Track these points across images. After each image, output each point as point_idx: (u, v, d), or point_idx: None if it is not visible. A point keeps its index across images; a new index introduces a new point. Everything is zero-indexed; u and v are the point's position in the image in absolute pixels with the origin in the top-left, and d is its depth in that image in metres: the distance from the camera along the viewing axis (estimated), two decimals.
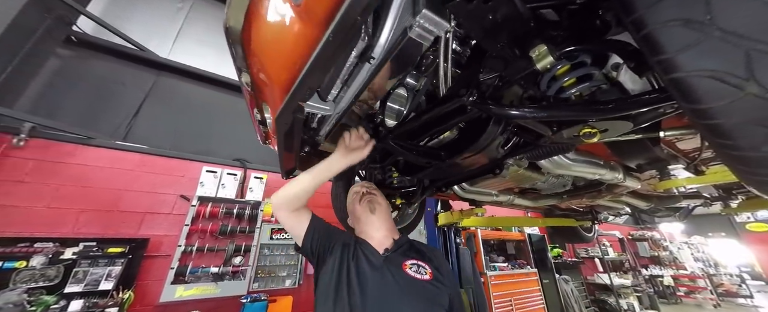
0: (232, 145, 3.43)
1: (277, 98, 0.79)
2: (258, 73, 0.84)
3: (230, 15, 0.68)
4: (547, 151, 0.93)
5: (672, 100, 0.52)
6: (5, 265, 1.96)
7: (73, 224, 2.33)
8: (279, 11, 0.60)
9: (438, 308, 0.82)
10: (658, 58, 0.36)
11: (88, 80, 2.92)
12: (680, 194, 1.91)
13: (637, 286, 6.45)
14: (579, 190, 1.60)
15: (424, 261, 0.94)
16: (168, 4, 3.70)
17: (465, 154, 0.92)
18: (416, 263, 0.92)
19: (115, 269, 2.23)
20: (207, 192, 2.82)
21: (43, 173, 2.34)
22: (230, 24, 0.68)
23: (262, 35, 0.69)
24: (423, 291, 0.84)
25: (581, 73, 0.63)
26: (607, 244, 7.10)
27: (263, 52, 0.72)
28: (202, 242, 2.63)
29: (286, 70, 0.67)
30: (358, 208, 1.09)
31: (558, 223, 2.77)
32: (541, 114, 0.63)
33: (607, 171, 1.18)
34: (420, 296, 0.83)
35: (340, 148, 0.95)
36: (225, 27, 0.72)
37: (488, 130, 0.81)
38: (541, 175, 1.26)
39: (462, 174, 1.23)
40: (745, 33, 0.30)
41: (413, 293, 0.83)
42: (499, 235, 4.86)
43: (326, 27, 0.51)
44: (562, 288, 5.11)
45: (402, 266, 0.89)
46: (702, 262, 8.84)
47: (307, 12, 0.54)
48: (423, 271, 0.89)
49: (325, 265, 0.92)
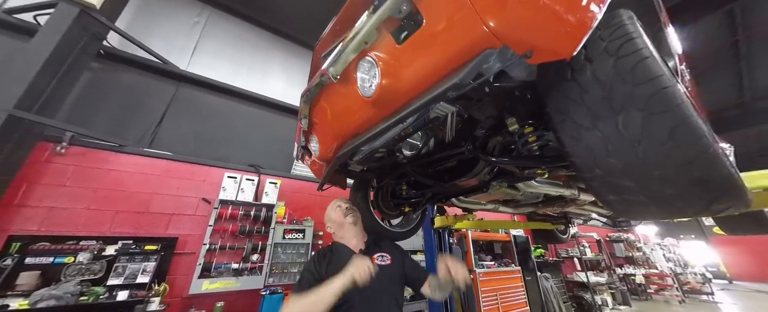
0: (246, 152, 3.72)
1: (333, 142, 1.15)
2: (318, 122, 1.19)
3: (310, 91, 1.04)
4: (518, 179, 1.31)
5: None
6: (56, 260, 2.22)
7: (109, 224, 2.59)
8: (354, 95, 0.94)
9: (399, 281, 1.28)
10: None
11: (116, 91, 3.16)
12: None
13: (611, 284, 7.03)
14: (549, 201, 2.00)
15: (384, 251, 1.34)
16: (186, 19, 3.95)
17: (462, 179, 1.30)
18: (380, 254, 1.32)
19: (150, 265, 2.51)
20: (228, 195, 3.11)
21: (82, 178, 2.60)
22: (309, 90, 1.03)
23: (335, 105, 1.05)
24: (389, 272, 1.26)
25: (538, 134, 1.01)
26: (586, 244, 7.68)
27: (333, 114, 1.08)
28: (223, 241, 2.93)
29: (348, 130, 1.02)
30: (345, 219, 1.39)
31: (537, 226, 3.20)
32: (513, 162, 1.01)
33: (565, 189, 1.58)
34: (387, 276, 1.24)
35: (346, 276, 1.02)
36: (304, 93, 1.07)
37: (478, 166, 1.19)
38: (517, 191, 1.65)
39: (458, 190, 1.61)
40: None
41: (383, 276, 1.20)
42: (487, 236, 5.30)
43: (385, 112, 0.87)
44: (542, 285, 5.59)
45: (372, 259, 1.23)
46: (673, 262, 9.58)
47: (375, 102, 0.89)
48: (385, 259, 1.31)
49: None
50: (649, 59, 0.60)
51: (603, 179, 0.71)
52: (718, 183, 0.57)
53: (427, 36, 0.72)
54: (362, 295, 1.12)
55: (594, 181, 0.73)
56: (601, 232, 8.75)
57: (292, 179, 3.81)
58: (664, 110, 0.57)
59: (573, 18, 0.60)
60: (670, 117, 0.57)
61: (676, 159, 0.58)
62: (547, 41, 0.61)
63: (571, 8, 0.59)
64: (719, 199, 0.59)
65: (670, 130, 0.57)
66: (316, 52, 1.29)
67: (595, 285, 6.54)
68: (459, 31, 0.65)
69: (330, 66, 0.95)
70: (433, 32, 0.70)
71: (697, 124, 0.56)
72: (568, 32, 0.60)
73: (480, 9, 0.61)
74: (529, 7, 0.59)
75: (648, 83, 0.59)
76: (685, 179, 0.59)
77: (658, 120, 0.57)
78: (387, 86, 0.84)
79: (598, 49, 0.68)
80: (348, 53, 0.89)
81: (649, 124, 0.58)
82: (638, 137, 0.60)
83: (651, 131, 0.58)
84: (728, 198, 0.59)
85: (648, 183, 0.63)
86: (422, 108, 0.76)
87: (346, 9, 1.07)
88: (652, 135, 0.59)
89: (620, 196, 0.70)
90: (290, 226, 3.38)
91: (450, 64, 0.70)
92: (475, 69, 0.63)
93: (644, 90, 0.59)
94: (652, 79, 0.59)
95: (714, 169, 0.56)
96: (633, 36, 0.65)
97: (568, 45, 0.61)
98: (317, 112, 1.21)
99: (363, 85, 0.90)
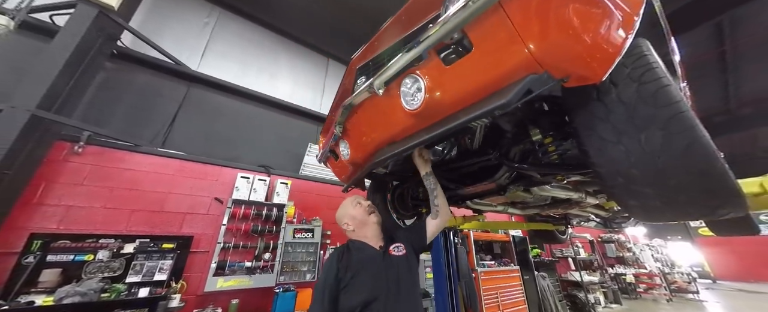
0: (256, 152, 3.78)
1: (367, 148, 1.24)
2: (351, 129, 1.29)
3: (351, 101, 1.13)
4: (535, 183, 1.43)
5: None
6: (77, 258, 2.26)
7: (126, 222, 2.63)
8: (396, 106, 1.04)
9: (415, 267, 1.33)
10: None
11: (129, 91, 3.19)
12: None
13: (603, 283, 7.27)
14: (556, 203, 2.13)
15: (397, 242, 1.39)
16: (196, 20, 3.99)
17: (483, 183, 1.41)
18: (395, 246, 1.37)
19: (167, 263, 2.56)
20: (241, 195, 3.17)
21: (99, 177, 2.63)
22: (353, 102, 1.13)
23: (374, 114, 1.14)
24: (405, 262, 1.32)
25: (557, 143, 1.12)
26: (580, 245, 7.92)
27: (371, 122, 1.17)
28: (236, 240, 2.99)
29: (384, 137, 1.12)
30: (370, 218, 1.44)
31: (539, 226, 3.35)
32: (538, 169, 1.12)
33: (574, 193, 1.70)
34: (403, 265, 1.31)
35: None
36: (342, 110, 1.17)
37: (500, 171, 1.30)
38: (529, 195, 1.77)
39: (476, 193, 1.72)
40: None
41: (401, 264, 1.30)
42: (487, 236, 5.45)
43: (426, 124, 0.97)
44: (539, 284, 5.77)
45: (389, 252, 1.34)
46: (660, 262, 9.92)
47: (418, 115, 0.99)
48: (400, 249, 1.37)
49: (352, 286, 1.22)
50: (669, 87, 0.72)
51: (625, 186, 0.82)
52: (724, 192, 0.69)
53: (476, 60, 0.82)
54: (389, 291, 1.19)
55: (616, 188, 0.85)
56: (594, 232, 9.03)
57: (300, 179, 3.88)
58: (682, 130, 0.68)
59: (603, 49, 0.71)
60: (686, 136, 0.68)
61: (690, 171, 0.69)
62: (581, 68, 0.72)
63: (602, 41, 0.70)
64: (724, 205, 0.71)
65: (686, 146, 0.68)
66: (352, 64, 1.38)
67: (589, 284, 6.76)
68: (506, 57, 0.76)
69: (375, 79, 1.05)
70: (481, 57, 0.80)
71: (709, 142, 0.68)
72: (598, 61, 0.72)
73: (526, 39, 0.71)
74: (568, 39, 0.69)
75: (668, 107, 0.70)
76: (696, 188, 0.70)
77: (677, 138, 0.69)
78: (431, 101, 0.94)
79: (622, 75, 0.80)
80: (395, 70, 0.98)
81: (668, 141, 0.70)
82: (659, 152, 0.71)
83: (670, 147, 0.70)
84: (731, 205, 0.71)
85: (665, 191, 0.75)
86: (468, 122, 0.86)
87: (387, 28, 1.17)
88: (671, 150, 0.70)
89: (639, 201, 0.82)
90: (300, 226, 3.45)
91: (495, 85, 0.80)
92: (521, 91, 0.73)
93: (665, 113, 0.70)
94: (672, 103, 0.70)
95: (722, 180, 0.67)
96: (653, 66, 0.76)
97: (599, 71, 0.72)
98: (352, 120, 1.31)
99: (407, 99, 1.00)
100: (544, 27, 0.68)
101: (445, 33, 0.83)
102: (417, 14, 1.02)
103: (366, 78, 1.26)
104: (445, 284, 2.79)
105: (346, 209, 1.43)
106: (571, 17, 0.67)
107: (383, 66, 1.19)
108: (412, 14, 1.05)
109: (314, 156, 4.21)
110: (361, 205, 1.45)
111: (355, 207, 1.44)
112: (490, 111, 0.78)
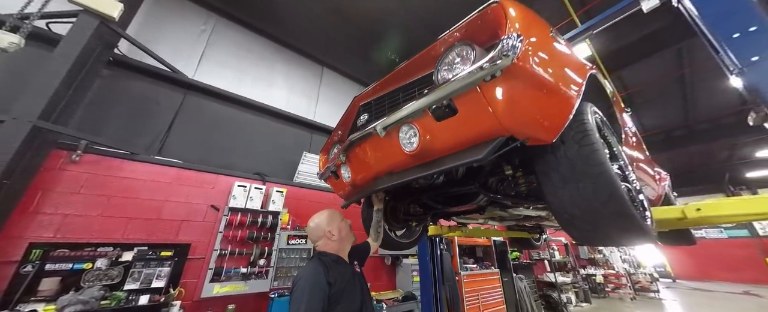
0: (251, 160, 3.88)
1: (367, 174, 1.45)
2: (353, 158, 1.49)
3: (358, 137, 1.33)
4: (508, 207, 1.69)
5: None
6: (75, 266, 2.31)
7: (123, 231, 2.69)
8: (395, 147, 1.25)
9: (364, 280, 1.52)
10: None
11: (125, 98, 3.22)
12: None
13: (575, 283, 7.82)
14: (528, 218, 2.42)
15: (354, 259, 1.57)
16: (192, 27, 4.03)
17: (467, 204, 1.64)
18: (354, 263, 1.56)
19: (164, 270, 2.65)
20: (237, 203, 3.27)
21: (96, 185, 2.67)
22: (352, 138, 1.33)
23: (375, 150, 1.35)
24: (363, 277, 1.53)
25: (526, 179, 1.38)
26: (555, 248, 8.45)
27: (372, 156, 1.38)
28: (232, 247, 3.10)
29: (382, 168, 1.33)
30: (349, 236, 1.60)
31: (516, 235, 3.67)
32: (508, 198, 1.37)
33: (543, 212, 1.98)
34: (363, 280, 1.51)
35: None
36: (348, 142, 1.37)
37: (479, 196, 1.54)
38: (506, 212, 2.03)
39: (459, 211, 1.96)
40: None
41: (362, 279, 1.51)
42: (470, 241, 5.78)
43: (419, 162, 1.19)
44: (517, 285, 6.17)
45: (354, 267, 1.54)
46: (628, 263, 10.71)
47: (413, 156, 1.20)
48: (358, 266, 1.57)
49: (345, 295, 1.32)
50: (599, 151, 0.97)
51: (569, 220, 1.07)
52: (634, 229, 0.95)
53: (459, 121, 1.04)
54: (364, 302, 1.37)
55: (563, 220, 1.10)
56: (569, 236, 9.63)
57: (294, 187, 4.01)
58: (606, 185, 0.94)
59: (552, 121, 0.96)
60: (608, 189, 0.93)
61: (611, 214, 0.95)
62: (536, 133, 0.96)
63: (551, 117, 0.95)
64: (635, 238, 0.98)
65: (608, 196, 0.94)
66: (356, 101, 1.58)
67: (562, 284, 7.26)
68: (482, 123, 0.98)
69: (378, 125, 1.25)
70: (463, 119, 1.03)
71: (623, 194, 0.93)
72: (547, 129, 0.97)
73: (496, 112, 0.94)
74: (525, 114, 0.93)
75: (597, 166, 0.96)
76: (616, 226, 0.96)
77: (602, 190, 0.94)
78: (424, 145, 1.16)
79: (569, 136, 1.05)
80: (395, 120, 1.19)
81: (596, 191, 0.95)
82: (591, 198, 0.97)
83: (598, 196, 0.95)
84: (640, 238, 0.98)
85: (595, 226, 1.00)
86: (451, 168, 1.09)
87: (392, 75, 1.38)
88: (599, 198, 0.95)
89: (579, 231, 1.08)
90: (294, 232, 3.60)
91: (474, 141, 1.03)
92: (492, 150, 0.96)
93: (595, 170, 0.96)
94: (599, 164, 0.95)
95: (632, 221, 0.93)
96: (589, 132, 1.02)
97: (550, 136, 0.97)
98: (355, 150, 1.51)
99: (404, 142, 1.21)
100: (508, 105, 0.92)
101: (437, 99, 1.05)
102: (415, 70, 1.25)
103: (368, 115, 1.46)
104: (430, 287, 3.03)
105: (333, 220, 1.51)
106: (527, 99, 0.91)
107: (383, 108, 1.40)
108: (411, 69, 1.27)
109: (309, 164, 4.34)
110: (345, 222, 1.58)
111: (343, 221, 1.56)
112: (469, 162, 1.01)
